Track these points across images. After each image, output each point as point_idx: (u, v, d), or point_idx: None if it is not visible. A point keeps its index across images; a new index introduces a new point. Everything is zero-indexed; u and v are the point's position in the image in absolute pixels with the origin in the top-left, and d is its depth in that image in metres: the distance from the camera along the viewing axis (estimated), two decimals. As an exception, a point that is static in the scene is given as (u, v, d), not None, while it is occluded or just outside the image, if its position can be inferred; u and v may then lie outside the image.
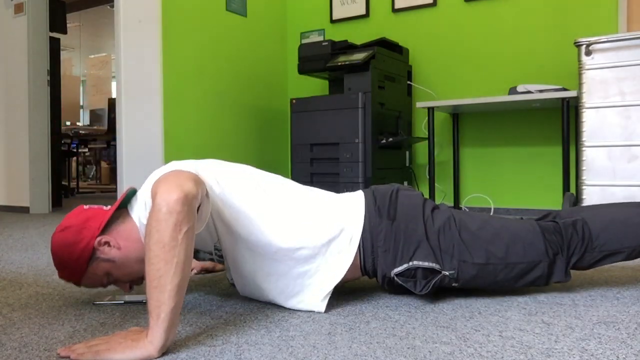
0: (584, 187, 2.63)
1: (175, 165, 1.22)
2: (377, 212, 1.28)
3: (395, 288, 1.32)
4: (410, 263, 1.23)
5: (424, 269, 1.23)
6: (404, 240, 1.25)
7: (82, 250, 1.18)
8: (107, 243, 1.20)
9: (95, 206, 1.26)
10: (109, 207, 1.25)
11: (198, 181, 1.03)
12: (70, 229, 1.19)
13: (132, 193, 1.27)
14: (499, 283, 1.29)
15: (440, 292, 1.39)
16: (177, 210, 0.94)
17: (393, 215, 1.27)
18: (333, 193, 1.38)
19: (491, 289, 1.36)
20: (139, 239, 1.20)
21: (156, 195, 0.97)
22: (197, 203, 1.00)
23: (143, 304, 1.31)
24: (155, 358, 0.93)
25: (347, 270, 1.23)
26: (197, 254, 1.33)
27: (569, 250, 1.29)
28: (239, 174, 1.27)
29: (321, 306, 1.21)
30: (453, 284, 1.27)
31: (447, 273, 1.24)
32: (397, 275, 1.24)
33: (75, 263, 1.19)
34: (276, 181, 1.31)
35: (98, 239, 1.19)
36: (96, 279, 1.23)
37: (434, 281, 1.24)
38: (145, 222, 1.09)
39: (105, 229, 1.20)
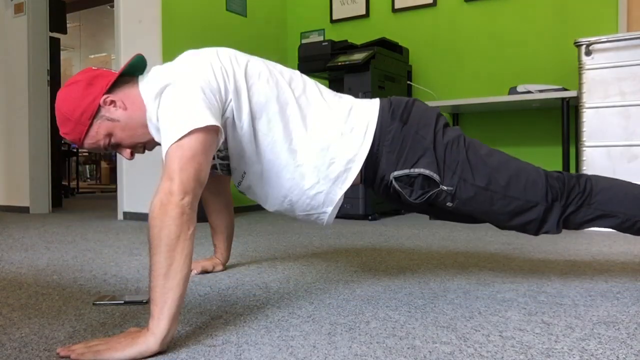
0: (584, 187, 2.62)
1: (206, 55, 1.21)
2: (391, 114, 1.28)
3: (389, 196, 1.32)
4: (412, 169, 1.23)
5: (424, 177, 1.23)
6: (410, 145, 1.25)
7: (88, 105, 1.18)
8: (113, 102, 1.20)
9: (104, 68, 1.27)
10: (116, 71, 1.27)
11: (202, 169, 1.04)
12: (78, 84, 1.20)
13: (139, 59, 1.27)
14: (493, 214, 1.28)
15: (440, 291, 1.39)
16: (181, 208, 0.97)
17: (405, 119, 1.27)
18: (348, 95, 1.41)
19: (483, 220, 1.35)
20: (144, 104, 1.21)
21: (162, 187, 0.98)
22: (197, 200, 1.02)
23: (143, 304, 1.31)
24: (156, 351, 0.93)
25: (364, 154, 1.25)
26: None
27: (568, 199, 1.28)
28: (262, 67, 1.27)
29: (337, 204, 1.26)
30: (448, 203, 1.27)
31: (445, 188, 1.24)
32: (396, 179, 1.24)
33: (79, 118, 1.19)
34: (297, 77, 1.32)
35: (104, 97, 1.19)
36: (98, 139, 1.23)
37: (430, 193, 1.24)
38: (151, 102, 1.17)
39: (111, 89, 1.21)
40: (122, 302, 1.32)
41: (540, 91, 2.87)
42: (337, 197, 1.26)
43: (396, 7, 3.90)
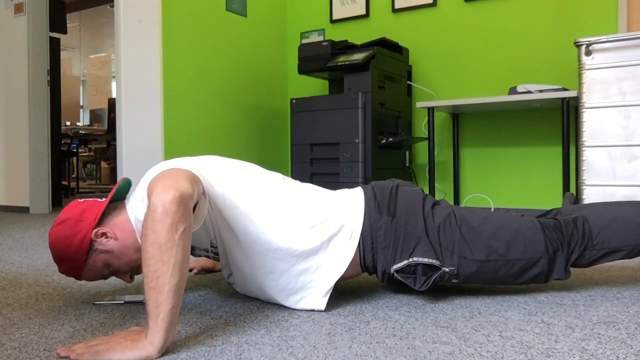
0: (584, 187, 2.63)
1: (174, 163, 1.22)
2: (377, 208, 1.27)
3: (395, 284, 1.32)
4: (410, 259, 1.23)
5: (424, 265, 1.23)
6: (403, 237, 1.25)
7: (80, 242, 1.18)
8: (104, 234, 1.20)
9: (90, 199, 1.27)
10: (103, 199, 1.26)
11: (194, 179, 1.03)
12: (66, 222, 1.19)
13: (125, 184, 1.28)
14: (499, 279, 1.29)
15: (440, 291, 1.39)
16: (172, 211, 0.94)
17: (393, 211, 1.27)
18: (332, 190, 1.38)
19: (491, 285, 1.36)
20: (135, 229, 1.21)
21: (152, 195, 0.96)
22: (193, 202, 1.00)
23: (143, 303, 1.30)
24: (155, 358, 0.93)
25: (347, 266, 1.23)
26: (192, 251, 1.33)
27: (569, 247, 1.29)
28: (238, 171, 1.27)
29: (322, 303, 1.21)
30: (453, 280, 1.27)
31: (447, 269, 1.24)
32: (397, 271, 1.24)
33: (74, 256, 1.19)
34: (275, 178, 1.31)
35: (95, 230, 1.19)
36: (96, 271, 1.23)
37: (433, 277, 1.24)
38: (141, 218, 1.09)
39: (101, 221, 1.21)
40: (122, 302, 1.32)
41: (540, 91, 2.87)
42: (319, 304, 1.22)
43: (396, 7, 3.90)
